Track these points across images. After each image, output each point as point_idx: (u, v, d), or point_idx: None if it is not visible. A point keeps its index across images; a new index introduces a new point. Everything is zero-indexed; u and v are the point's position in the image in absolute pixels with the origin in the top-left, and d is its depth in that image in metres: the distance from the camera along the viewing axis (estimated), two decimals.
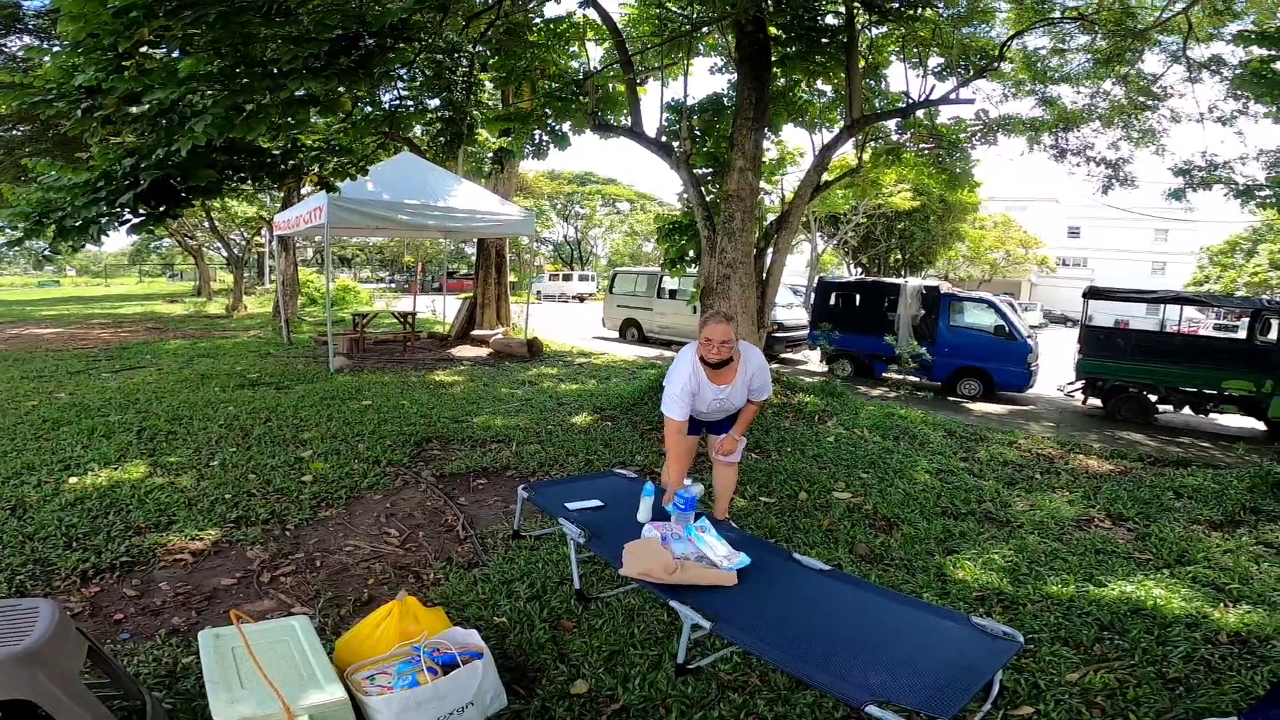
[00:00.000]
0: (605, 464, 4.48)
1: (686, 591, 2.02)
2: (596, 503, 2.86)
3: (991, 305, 9.29)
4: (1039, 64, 7.35)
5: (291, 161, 4.05)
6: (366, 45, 3.34)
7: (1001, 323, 9.04)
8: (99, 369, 7.69)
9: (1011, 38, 6.53)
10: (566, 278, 35.21)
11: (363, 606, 2.61)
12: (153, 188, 3.87)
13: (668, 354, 11.16)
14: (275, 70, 3.11)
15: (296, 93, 3.19)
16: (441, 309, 14.48)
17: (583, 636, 2.37)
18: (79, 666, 1.40)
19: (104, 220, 3.95)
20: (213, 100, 3.10)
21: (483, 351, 10.23)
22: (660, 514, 2.64)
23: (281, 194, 12.47)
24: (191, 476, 3.87)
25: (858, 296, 10.82)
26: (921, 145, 7.92)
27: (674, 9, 6.42)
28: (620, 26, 6.30)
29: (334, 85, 3.29)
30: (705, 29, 6.15)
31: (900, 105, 6.92)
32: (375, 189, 7.55)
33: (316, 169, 4.34)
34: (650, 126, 6.49)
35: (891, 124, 7.81)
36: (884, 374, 9.17)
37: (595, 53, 7.23)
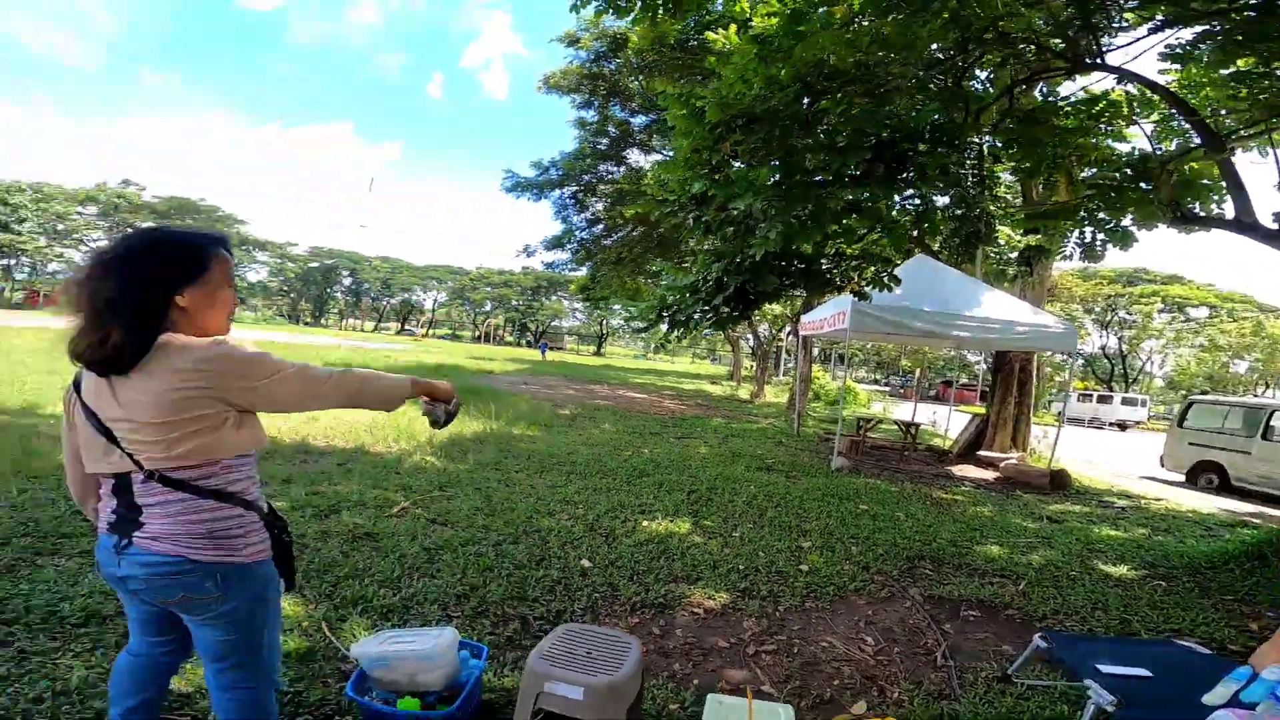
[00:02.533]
0: (1151, 628, 3.69)
1: None
2: (1143, 672, 2.23)
3: None
4: None
5: (836, 271, 4.64)
6: (897, 151, 3.58)
7: None
8: (668, 433, 10.28)
9: None
10: (1103, 399, 28.88)
11: (823, 704, 2.65)
12: (735, 292, 5.08)
13: (1272, 512, 8.73)
14: (816, 180, 3.64)
15: (845, 199, 3.63)
16: (942, 421, 13.66)
17: None
18: (633, 701, 1.87)
19: (700, 317, 5.38)
20: (775, 210, 3.86)
21: (989, 475, 9.04)
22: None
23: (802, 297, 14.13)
24: (718, 542, 4.68)
25: None
26: None
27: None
28: (1181, 95, 4.84)
29: (873, 192, 3.63)
30: None
31: None
32: (895, 295, 7.72)
33: (855, 277, 4.81)
34: (1262, 211, 4.67)
35: None
36: None
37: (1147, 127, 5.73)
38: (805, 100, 3.87)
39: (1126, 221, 5.16)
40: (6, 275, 53.36)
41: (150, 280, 1.41)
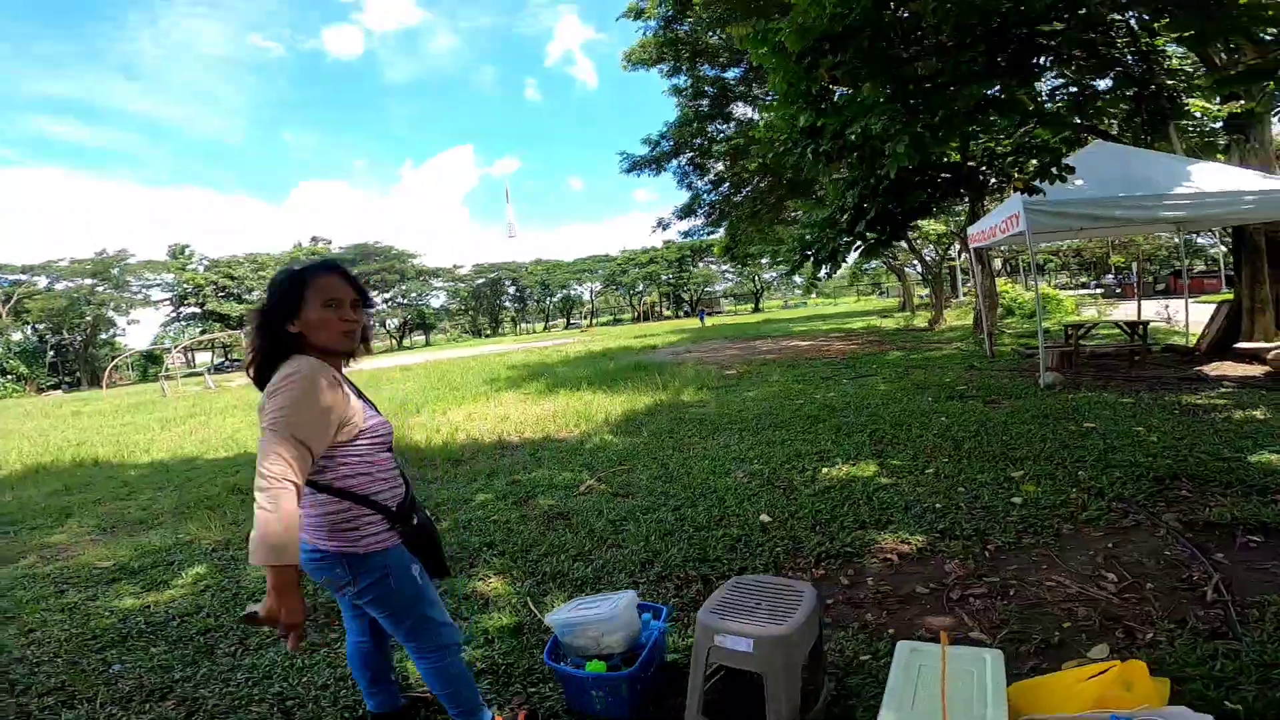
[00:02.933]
0: None
1: None
2: None
3: None
4: None
5: (989, 171, 4.02)
6: (1017, 38, 2.97)
7: None
8: (840, 376, 9.69)
9: None
10: None
11: (1049, 649, 2.33)
12: (877, 215, 4.64)
13: None
14: (937, 84, 3.17)
15: (973, 98, 3.14)
16: (1180, 316, 11.19)
17: None
18: (808, 651, 1.80)
19: (844, 248, 5.00)
20: (898, 125, 3.44)
21: (1255, 370, 7.24)
22: None
23: (965, 209, 12.52)
24: (909, 481, 4.32)
25: None
26: None
27: None
28: None
29: (1004, 85, 3.07)
30: None
31: None
32: (1078, 186, 6.53)
33: (1016, 174, 4.14)
34: None
35: None
36: None
37: None
38: (889, 6, 3.34)
39: None
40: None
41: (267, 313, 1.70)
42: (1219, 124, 8.18)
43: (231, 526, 4.86)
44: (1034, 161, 4.01)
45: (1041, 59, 3.38)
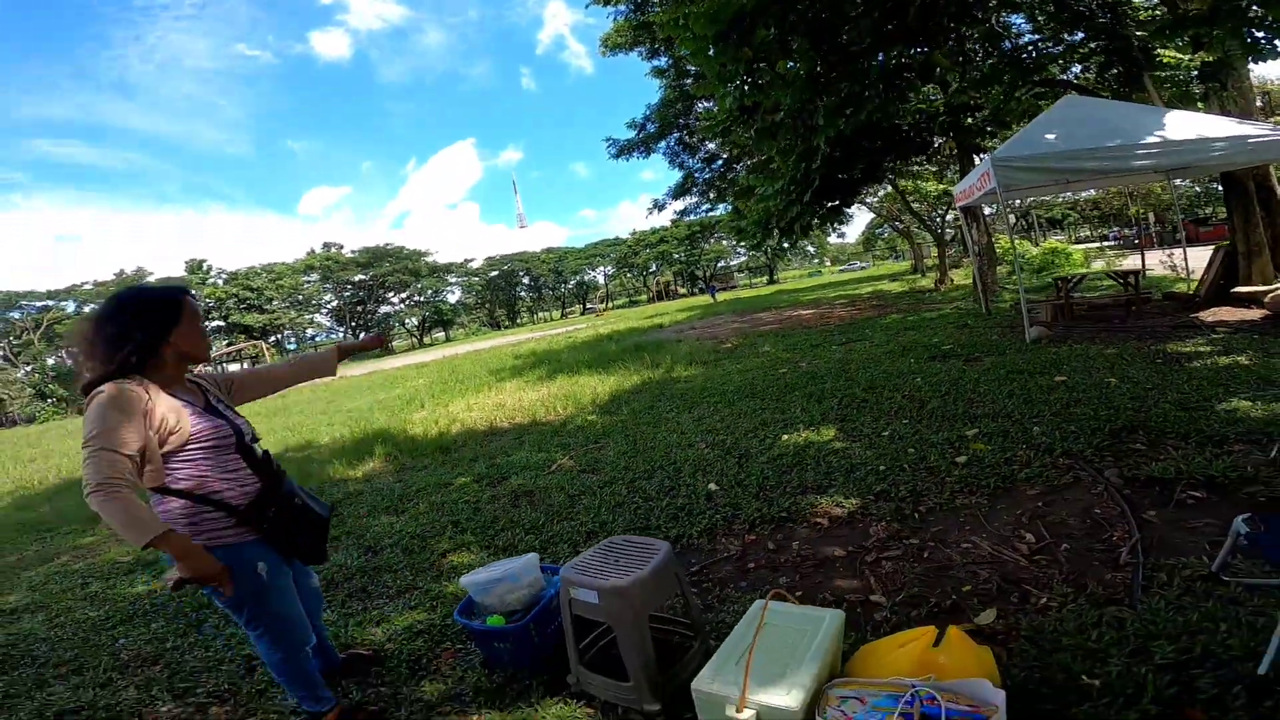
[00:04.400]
0: None
1: None
2: None
3: None
4: None
5: (925, 134, 4.01)
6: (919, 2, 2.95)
7: None
8: (831, 342, 9.67)
9: None
10: None
11: (940, 613, 2.35)
12: (825, 183, 4.66)
13: None
14: (858, 50, 3.17)
15: (873, 65, 3.14)
16: (1184, 264, 10.89)
17: None
18: (657, 604, 1.90)
19: (800, 218, 5.03)
20: (820, 98, 3.45)
21: (1253, 314, 7.09)
22: None
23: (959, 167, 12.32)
24: (863, 444, 4.37)
25: None
26: None
27: None
28: None
29: (907, 50, 3.06)
30: None
31: None
32: (1048, 140, 6.46)
33: (951, 136, 4.12)
34: None
35: None
36: None
37: None
38: None
39: None
40: (279, 349, 66.30)
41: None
42: (1195, 74, 7.98)
43: None
44: (968, 121, 3.97)
45: (946, 21, 3.32)
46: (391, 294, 70.84)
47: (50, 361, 50.02)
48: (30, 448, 17.52)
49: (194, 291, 2.07)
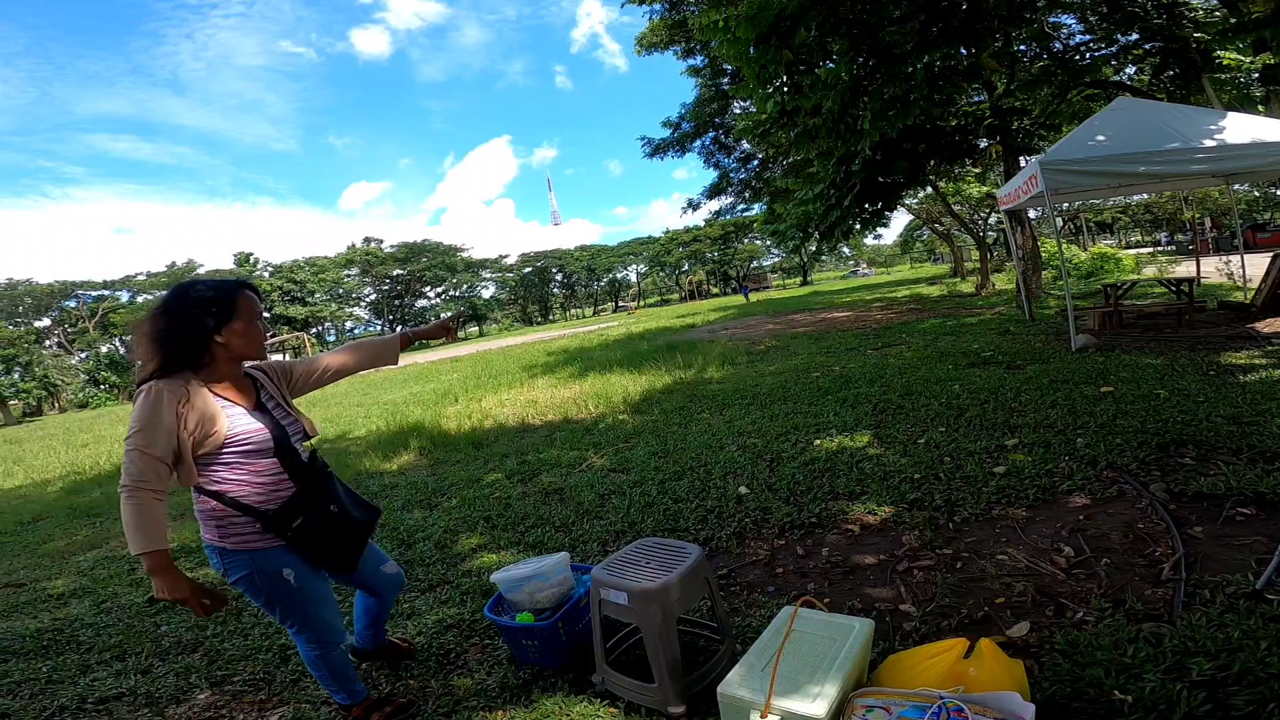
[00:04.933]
0: None
1: None
2: None
3: None
4: None
5: (971, 137, 3.92)
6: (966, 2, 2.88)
7: None
8: (866, 346, 9.50)
9: None
10: None
11: (972, 624, 2.31)
12: (866, 187, 4.61)
13: None
14: (900, 53, 3.13)
15: (918, 67, 3.09)
16: (1241, 271, 10.33)
17: None
18: (686, 608, 1.90)
19: (841, 221, 4.98)
20: (864, 100, 3.41)
21: None
22: None
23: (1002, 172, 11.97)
24: (898, 451, 4.30)
25: None
26: None
27: None
28: None
29: (954, 51, 3.00)
30: None
31: None
32: (1099, 143, 6.25)
33: (998, 139, 4.01)
34: None
35: None
36: None
37: None
38: None
39: None
40: (320, 341, 68.05)
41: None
42: (1256, 76, 7.63)
43: None
44: (1017, 123, 3.86)
45: (994, 22, 3.23)
46: (428, 288, 72.10)
47: (104, 349, 52.40)
48: (83, 433, 18.37)
49: (254, 284, 2.02)
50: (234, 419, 1.86)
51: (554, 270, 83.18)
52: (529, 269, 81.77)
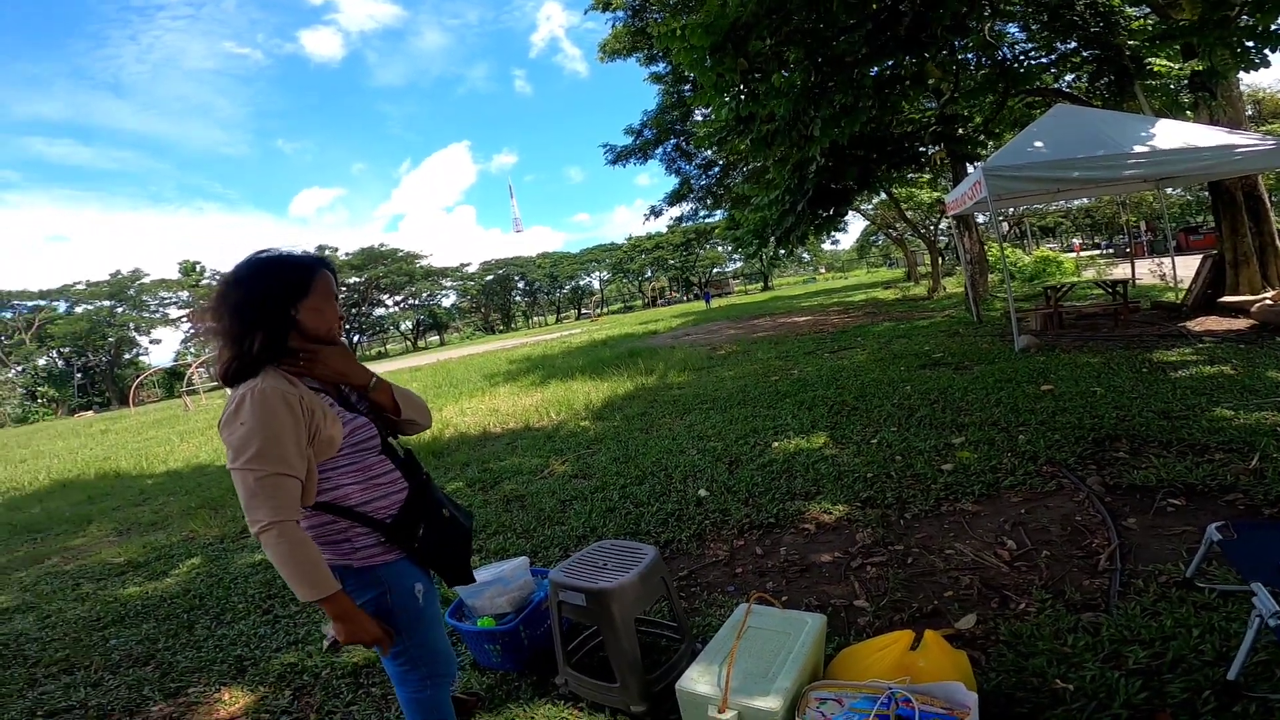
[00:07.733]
0: None
1: None
2: None
3: None
4: None
5: (917, 144, 4.09)
6: (911, 12, 3.03)
7: None
8: (823, 349, 9.74)
9: None
10: None
11: (922, 617, 2.40)
12: (819, 193, 4.75)
13: None
14: (852, 60, 3.25)
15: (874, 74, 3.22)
16: (1173, 273, 11.05)
17: None
18: (644, 607, 1.93)
19: (796, 226, 5.11)
20: (814, 107, 3.53)
21: (1238, 324, 7.20)
22: None
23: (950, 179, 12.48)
24: (851, 451, 4.43)
25: None
26: None
27: None
28: None
29: (899, 60, 3.14)
30: None
31: None
32: (1038, 150, 6.59)
33: (942, 146, 4.20)
34: None
35: None
36: None
37: None
38: None
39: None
40: None
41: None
42: (1185, 83, 8.15)
43: (229, 523, 5.20)
44: (959, 130, 4.06)
45: (939, 32, 3.40)
46: (386, 296, 70.58)
47: (41, 362, 49.68)
48: (21, 448, 17.43)
49: (331, 262, 1.64)
50: (338, 412, 1.54)
51: (516, 278, 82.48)
52: (490, 277, 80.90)
